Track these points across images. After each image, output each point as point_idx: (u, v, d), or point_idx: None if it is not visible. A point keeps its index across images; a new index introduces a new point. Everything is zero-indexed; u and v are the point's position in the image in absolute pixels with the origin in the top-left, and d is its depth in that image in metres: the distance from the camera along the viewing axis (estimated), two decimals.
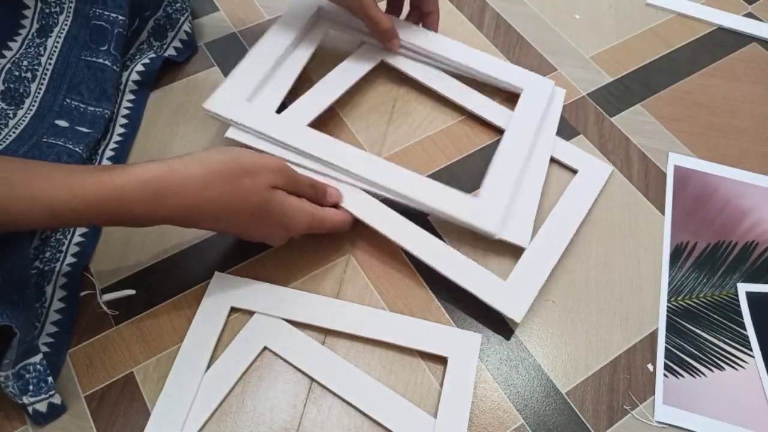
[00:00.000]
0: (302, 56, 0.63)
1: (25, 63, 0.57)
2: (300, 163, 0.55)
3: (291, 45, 0.62)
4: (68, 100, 0.59)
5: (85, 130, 0.58)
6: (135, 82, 0.64)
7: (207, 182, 0.44)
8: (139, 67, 0.64)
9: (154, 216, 0.44)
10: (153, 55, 0.65)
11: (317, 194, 0.51)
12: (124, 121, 0.62)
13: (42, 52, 0.58)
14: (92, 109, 0.59)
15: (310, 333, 0.50)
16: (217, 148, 0.47)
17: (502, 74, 0.63)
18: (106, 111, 0.60)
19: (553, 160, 0.60)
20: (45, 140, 0.55)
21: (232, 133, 0.56)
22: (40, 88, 0.58)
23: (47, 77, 0.58)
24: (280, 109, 0.59)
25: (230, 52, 0.69)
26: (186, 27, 0.68)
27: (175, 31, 0.68)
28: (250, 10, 0.73)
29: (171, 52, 0.67)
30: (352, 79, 0.63)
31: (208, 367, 0.48)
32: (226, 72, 0.67)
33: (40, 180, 0.40)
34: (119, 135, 0.61)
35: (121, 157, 0.60)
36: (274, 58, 0.61)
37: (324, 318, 0.50)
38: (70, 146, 0.55)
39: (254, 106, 0.58)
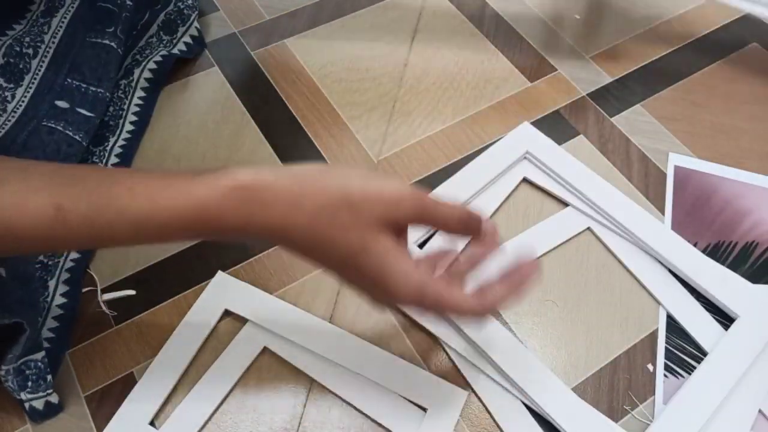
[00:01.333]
0: None
1: (28, 39, 0.56)
2: None
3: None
4: (69, 80, 0.58)
5: (85, 113, 0.58)
6: (147, 79, 0.64)
7: (296, 203, 0.35)
8: (152, 65, 0.64)
9: (246, 229, 0.36)
10: (165, 53, 0.65)
11: (467, 231, 0.39)
12: (134, 118, 0.62)
13: (46, 30, 0.57)
14: (93, 89, 0.59)
15: None
16: (326, 165, 0.37)
17: (719, 290, 0.51)
18: (106, 93, 0.60)
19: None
20: (45, 124, 0.55)
21: None
22: (41, 65, 0.57)
23: (49, 55, 0.57)
24: None
25: (230, 52, 0.69)
26: (196, 23, 0.68)
27: (186, 27, 0.68)
28: (250, 10, 0.73)
29: (181, 47, 0.67)
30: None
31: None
32: (226, 72, 0.68)
33: (123, 191, 0.35)
34: (128, 132, 0.62)
35: (129, 154, 0.60)
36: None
37: (312, 342, 0.49)
38: (70, 133, 0.55)
39: None
